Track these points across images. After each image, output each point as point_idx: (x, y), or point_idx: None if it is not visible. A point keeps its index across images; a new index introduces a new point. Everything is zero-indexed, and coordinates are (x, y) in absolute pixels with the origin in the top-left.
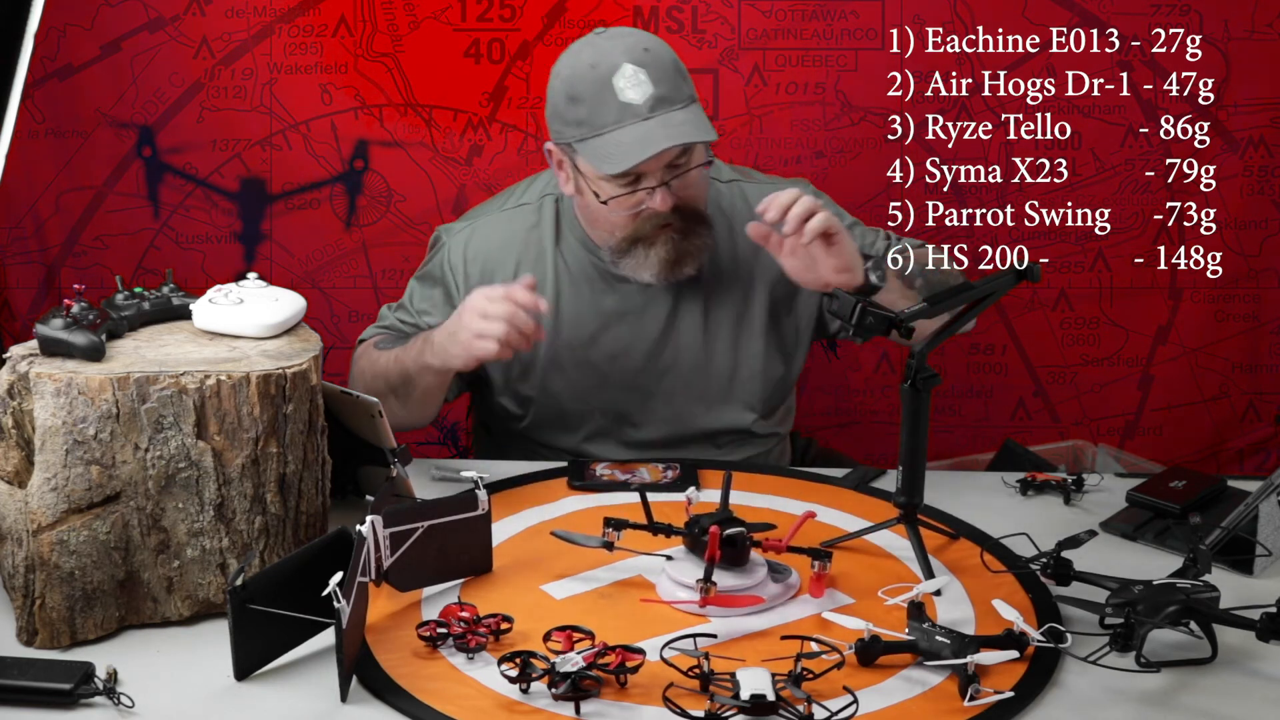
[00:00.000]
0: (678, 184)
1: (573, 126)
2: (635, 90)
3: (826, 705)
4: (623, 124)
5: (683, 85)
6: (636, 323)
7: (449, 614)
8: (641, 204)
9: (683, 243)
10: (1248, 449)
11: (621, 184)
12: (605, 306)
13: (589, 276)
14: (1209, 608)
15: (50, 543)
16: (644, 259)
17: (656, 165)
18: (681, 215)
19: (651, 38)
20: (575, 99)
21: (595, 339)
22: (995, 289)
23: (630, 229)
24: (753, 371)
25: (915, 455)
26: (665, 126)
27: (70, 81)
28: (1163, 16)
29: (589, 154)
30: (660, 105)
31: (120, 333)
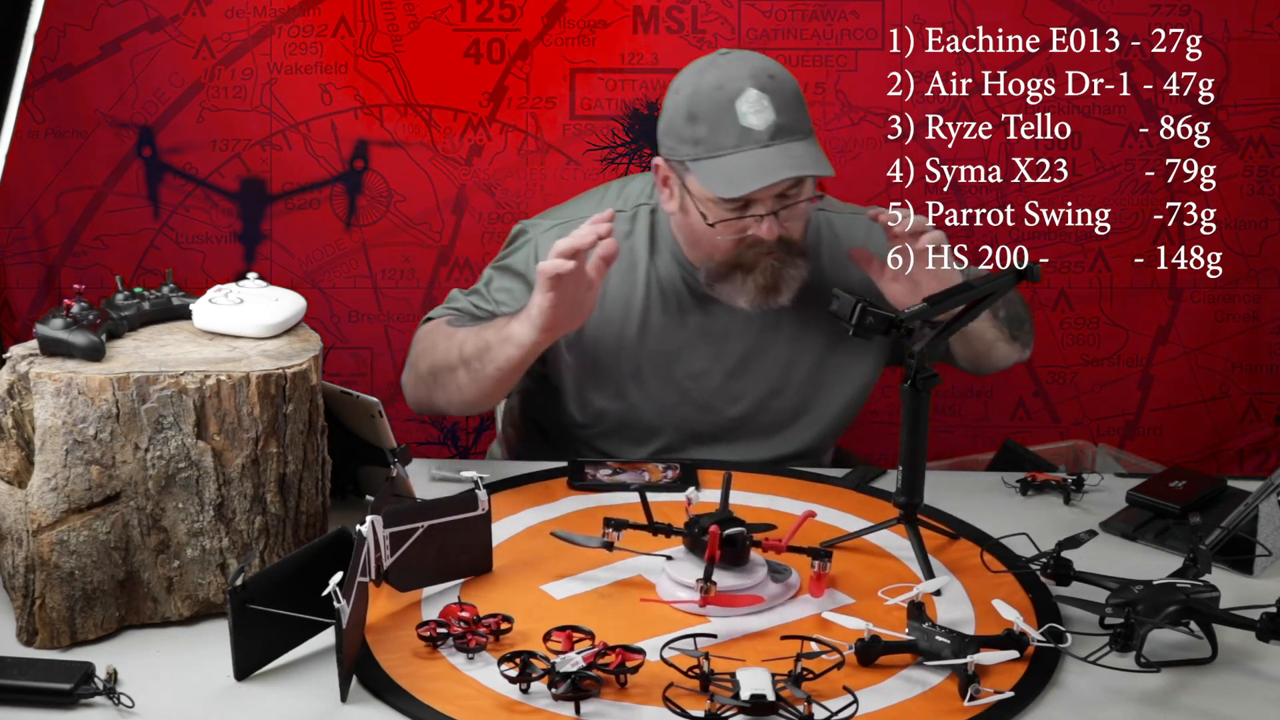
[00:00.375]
0: (785, 214)
1: (688, 145)
2: (758, 116)
3: (826, 705)
4: (741, 148)
5: (803, 117)
6: (721, 344)
7: (449, 614)
8: (747, 230)
9: (781, 271)
10: (1248, 449)
11: (731, 208)
12: (692, 324)
13: (679, 293)
14: (1209, 608)
15: (50, 543)
16: (741, 285)
17: (768, 194)
18: (783, 245)
19: (776, 65)
20: (695, 117)
21: (679, 356)
22: (995, 289)
23: (732, 254)
24: (827, 399)
25: (915, 455)
26: (785, 156)
27: (70, 81)
28: (1163, 16)
29: (703, 174)
30: (780, 134)
31: (120, 333)
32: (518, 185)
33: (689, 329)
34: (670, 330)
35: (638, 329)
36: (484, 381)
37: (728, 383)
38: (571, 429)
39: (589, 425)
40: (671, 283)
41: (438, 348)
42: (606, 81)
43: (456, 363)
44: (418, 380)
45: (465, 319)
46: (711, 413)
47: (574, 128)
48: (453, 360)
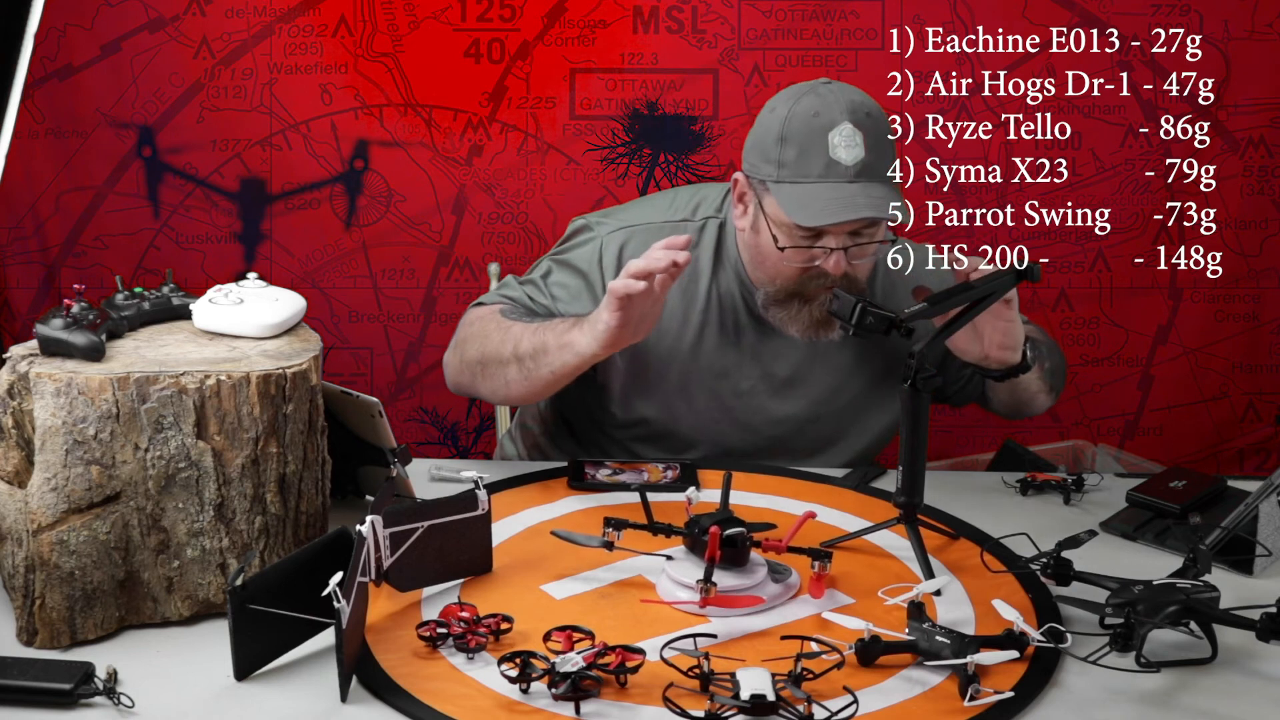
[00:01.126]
0: (854, 252)
1: (774, 166)
2: (848, 151)
3: (826, 705)
4: (826, 180)
5: (891, 159)
6: (770, 365)
7: (449, 614)
8: (814, 260)
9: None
10: (1248, 449)
11: (803, 236)
12: (745, 343)
13: (736, 310)
14: (1209, 608)
15: (50, 543)
16: (796, 314)
17: (843, 229)
18: (846, 282)
19: (874, 104)
20: (786, 140)
21: (728, 373)
22: (995, 289)
23: (795, 282)
24: (864, 428)
25: (915, 455)
26: (868, 195)
27: (70, 81)
28: (1163, 16)
29: (783, 198)
30: (866, 172)
31: (120, 333)
32: (518, 185)
33: (742, 348)
34: (724, 347)
35: (692, 342)
36: (535, 381)
37: (771, 403)
38: (609, 428)
39: (628, 428)
40: (730, 300)
41: (490, 338)
42: (606, 81)
43: (509, 358)
44: (463, 366)
45: (519, 310)
46: (750, 432)
47: (574, 128)
48: (505, 354)
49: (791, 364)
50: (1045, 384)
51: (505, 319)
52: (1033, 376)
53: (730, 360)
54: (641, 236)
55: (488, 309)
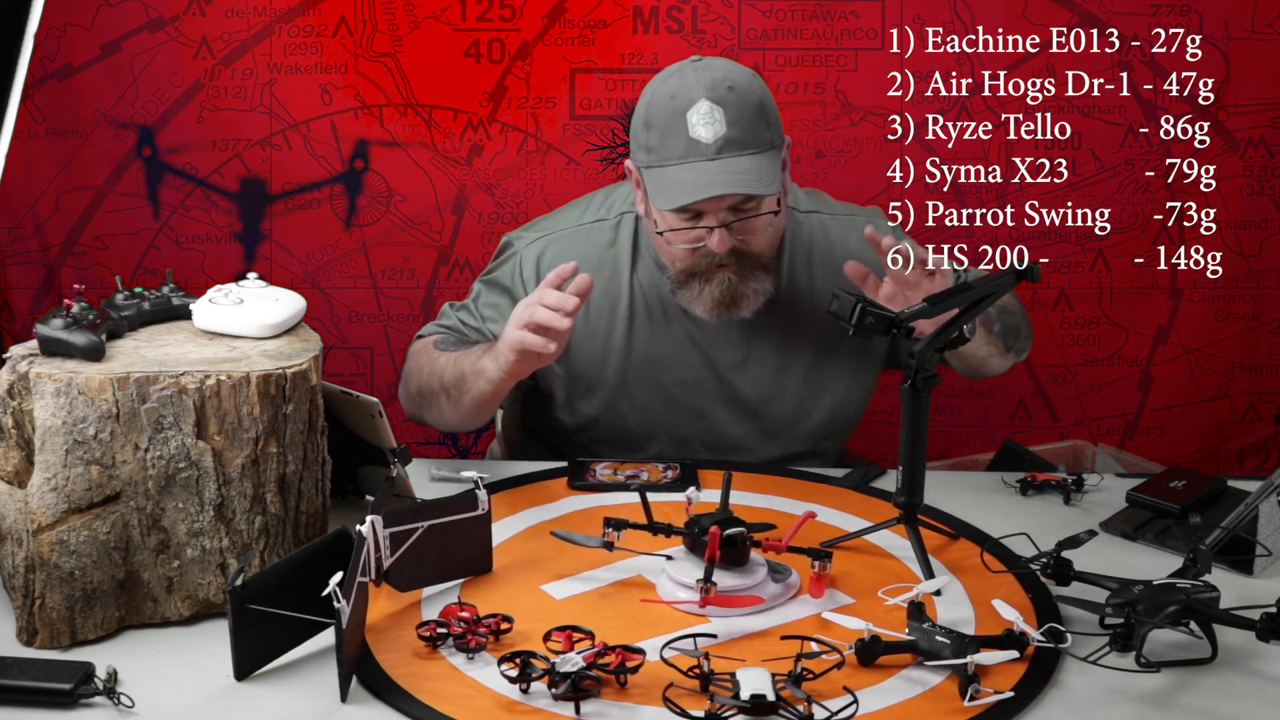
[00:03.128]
0: (740, 227)
1: (643, 151)
2: (706, 128)
3: (826, 705)
4: (686, 160)
5: (762, 130)
6: (709, 349)
7: (449, 614)
8: (700, 241)
9: (739, 285)
10: (1248, 449)
11: (682, 219)
12: (678, 331)
13: (664, 299)
14: (1209, 608)
15: (50, 543)
16: (698, 294)
17: (716, 206)
18: (740, 258)
19: (745, 75)
20: (649, 125)
21: (667, 363)
22: (995, 289)
23: (687, 263)
24: (822, 404)
25: (915, 455)
26: (726, 172)
27: (70, 81)
28: (1163, 16)
29: (650, 183)
30: (729, 148)
31: (120, 333)
32: (518, 185)
33: (675, 336)
34: (656, 338)
35: (623, 338)
36: (463, 409)
37: (719, 388)
38: (565, 433)
39: (581, 431)
40: (655, 289)
41: (423, 370)
42: (606, 81)
43: (438, 389)
44: (408, 397)
45: (453, 337)
46: (704, 419)
47: (574, 128)
48: (434, 386)
49: (732, 347)
50: (996, 347)
51: (435, 350)
52: (979, 344)
53: (666, 350)
54: (558, 243)
55: (425, 340)
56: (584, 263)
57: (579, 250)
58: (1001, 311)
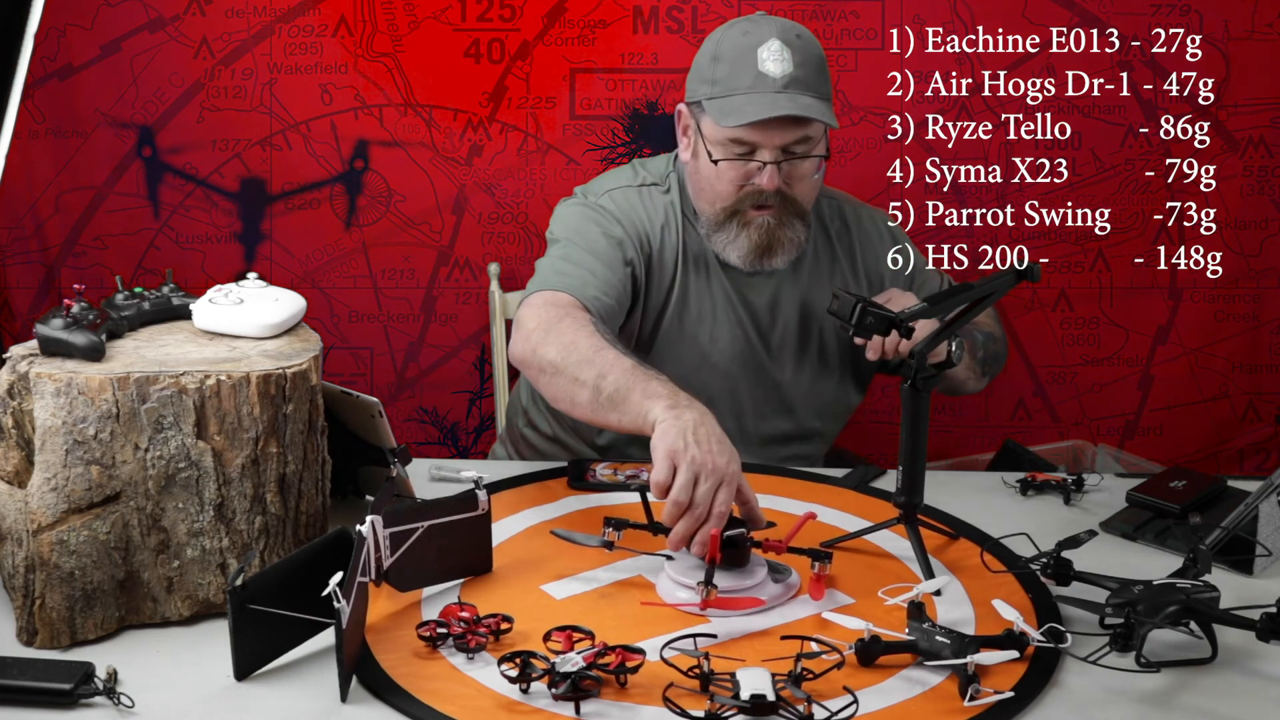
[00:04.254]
0: (788, 169)
1: (708, 84)
2: (776, 64)
3: (826, 705)
4: (754, 90)
5: (823, 80)
6: (744, 309)
7: (449, 614)
8: (750, 178)
9: (777, 230)
10: (1248, 449)
11: (736, 150)
12: (717, 291)
13: (700, 259)
14: (1209, 608)
15: (50, 543)
16: (735, 237)
17: (772, 141)
18: (783, 201)
19: (806, 31)
20: (718, 58)
21: (705, 319)
22: (995, 289)
23: (731, 200)
24: (831, 377)
25: (915, 455)
26: (793, 101)
27: (70, 81)
28: (1163, 16)
29: (714, 110)
30: (794, 85)
31: (120, 333)
32: (517, 185)
33: (714, 294)
34: (699, 295)
35: (676, 292)
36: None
37: (749, 352)
38: None
39: None
40: (700, 250)
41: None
42: (606, 81)
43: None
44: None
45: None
46: (730, 381)
47: (574, 128)
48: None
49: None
50: (975, 372)
51: (598, 334)
52: (961, 367)
53: (706, 306)
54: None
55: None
56: (655, 218)
57: (649, 207)
58: (987, 339)
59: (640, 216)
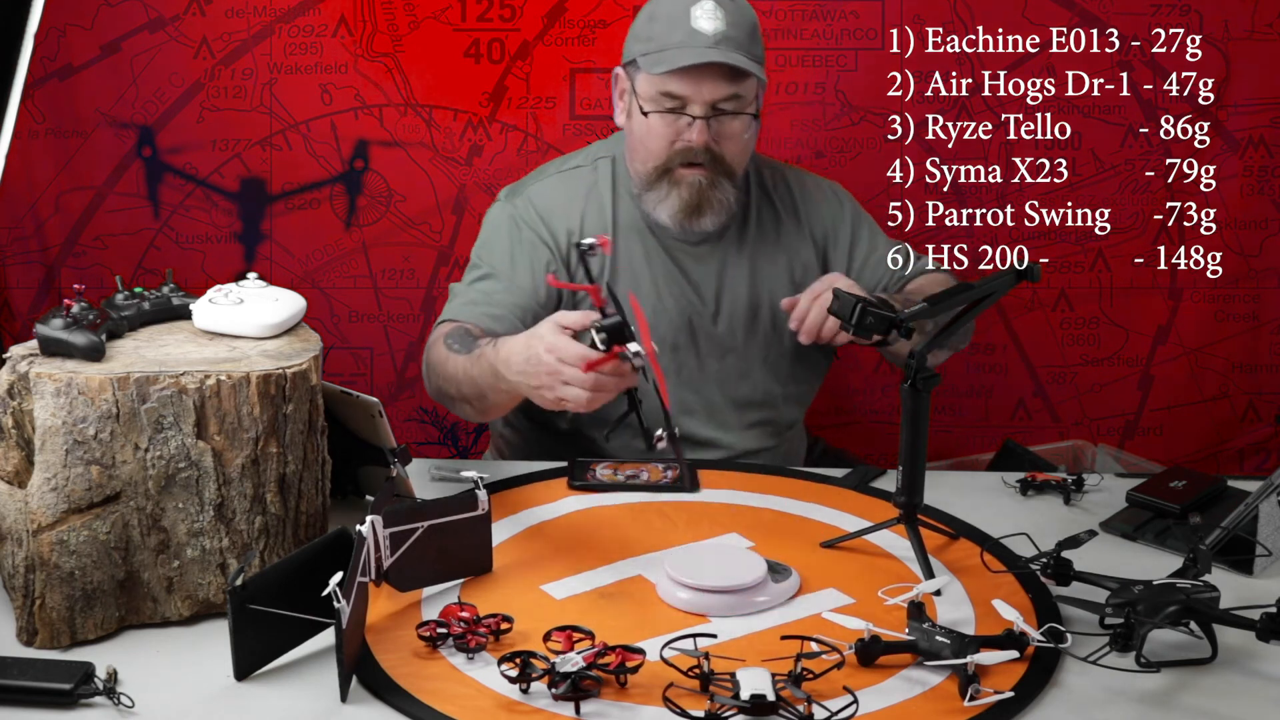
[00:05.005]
0: (717, 126)
1: (643, 42)
2: (709, 22)
3: (826, 705)
4: (687, 45)
5: (756, 43)
6: (684, 285)
7: (449, 614)
8: (681, 134)
9: (707, 190)
10: (1248, 449)
11: (667, 103)
12: (657, 266)
13: (640, 232)
14: (1209, 608)
15: (50, 543)
16: (666, 196)
17: (702, 95)
18: (713, 160)
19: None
20: (654, 18)
21: (642, 292)
22: (995, 289)
23: (663, 158)
24: (786, 346)
25: (915, 455)
26: (723, 54)
27: (70, 81)
28: (1163, 16)
29: (648, 63)
30: (726, 43)
31: (120, 333)
32: None
33: (654, 267)
34: (637, 268)
35: (606, 271)
36: (490, 413)
37: (699, 322)
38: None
39: None
40: (633, 223)
41: (442, 371)
42: (606, 81)
43: (457, 398)
44: (431, 392)
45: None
46: (678, 353)
47: (574, 128)
48: (453, 394)
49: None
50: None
51: (448, 351)
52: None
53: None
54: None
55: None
56: (572, 204)
57: (565, 194)
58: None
59: (562, 205)
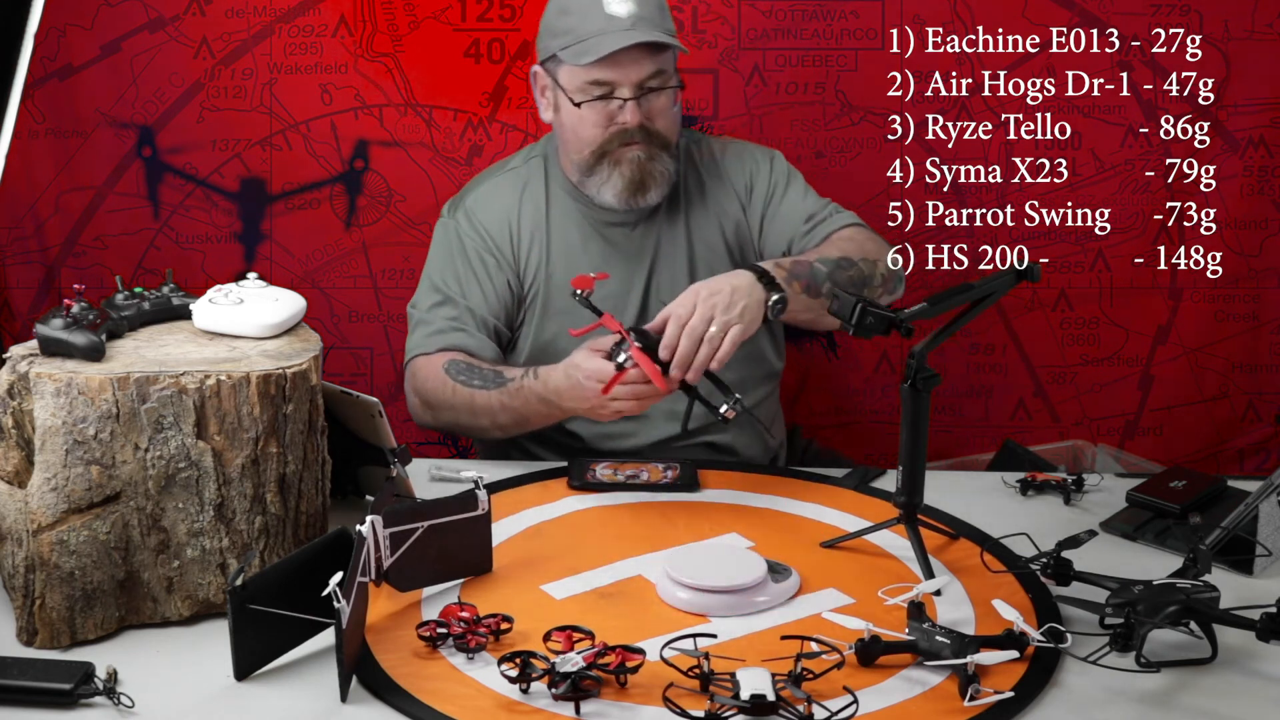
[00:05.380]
0: (648, 105)
1: (560, 37)
2: (620, 6)
3: (826, 705)
4: (605, 31)
5: (666, 19)
6: (625, 265)
7: (449, 614)
8: (613, 118)
9: (648, 164)
10: (1248, 449)
11: (596, 91)
12: (594, 251)
13: (578, 223)
14: (1209, 608)
15: (50, 543)
16: (608, 177)
17: (629, 77)
18: (648, 136)
19: None
20: (566, 11)
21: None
22: (995, 289)
23: (599, 142)
24: None
25: (915, 455)
26: (642, 32)
27: (70, 81)
28: (1163, 16)
29: (570, 55)
30: (641, 23)
31: (120, 333)
32: None
33: (593, 255)
34: (574, 259)
35: (545, 263)
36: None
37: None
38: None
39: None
40: (569, 215)
41: (461, 409)
42: None
43: (490, 427)
44: (438, 424)
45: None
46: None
47: None
48: (484, 425)
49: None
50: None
51: (458, 384)
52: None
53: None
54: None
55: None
56: (508, 210)
57: (500, 201)
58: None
59: (498, 209)
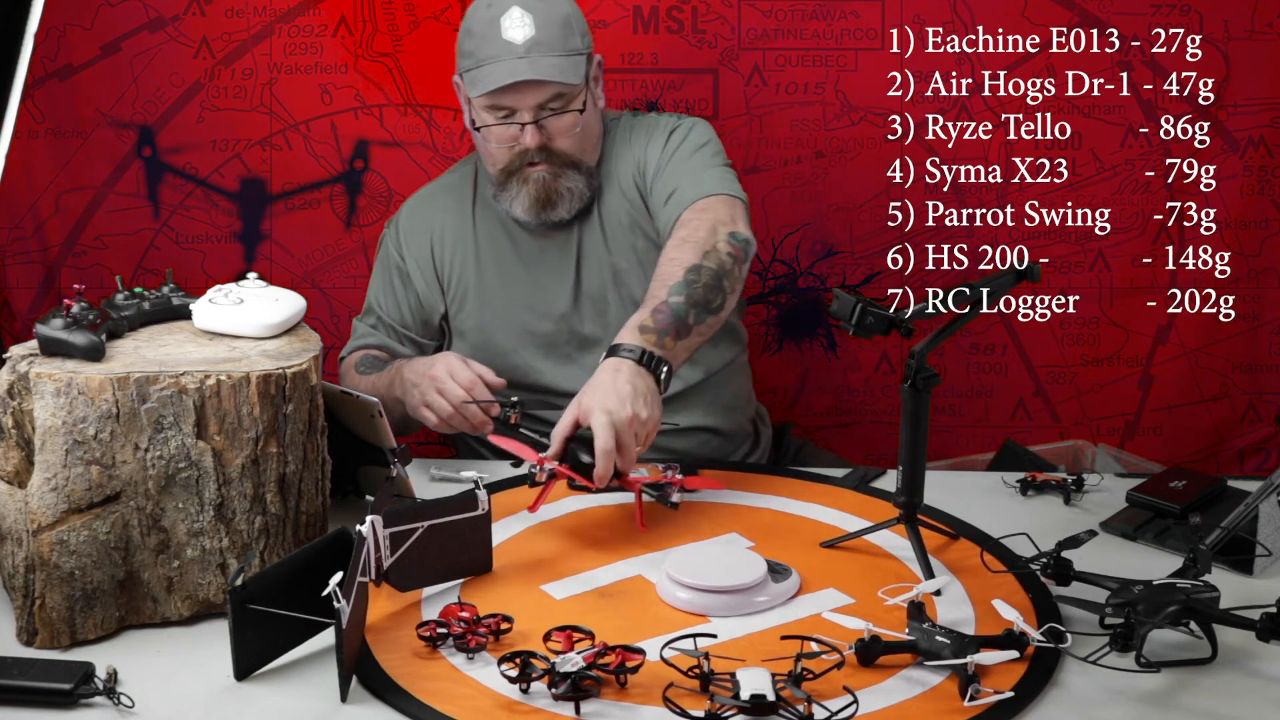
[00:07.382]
0: (547, 125)
1: (465, 58)
2: (517, 31)
3: (826, 705)
4: (499, 59)
5: (569, 37)
6: (551, 264)
7: (449, 614)
8: (516, 139)
9: (553, 182)
10: (1248, 449)
11: (496, 116)
12: (522, 251)
13: (504, 224)
14: (1209, 608)
15: (50, 543)
16: (516, 194)
17: (525, 102)
18: (549, 155)
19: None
20: (469, 33)
21: (517, 279)
22: (995, 289)
23: (505, 161)
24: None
25: (915, 455)
26: (532, 65)
27: (70, 81)
28: (1163, 16)
29: (468, 82)
30: (537, 49)
31: (120, 333)
32: None
33: (520, 256)
34: (503, 260)
35: (477, 271)
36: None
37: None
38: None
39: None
40: (494, 219)
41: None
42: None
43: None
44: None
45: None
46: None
47: None
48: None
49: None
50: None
51: (355, 375)
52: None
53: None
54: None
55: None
56: (431, 218)
57: (425, 210)
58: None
59: (423, 219)
